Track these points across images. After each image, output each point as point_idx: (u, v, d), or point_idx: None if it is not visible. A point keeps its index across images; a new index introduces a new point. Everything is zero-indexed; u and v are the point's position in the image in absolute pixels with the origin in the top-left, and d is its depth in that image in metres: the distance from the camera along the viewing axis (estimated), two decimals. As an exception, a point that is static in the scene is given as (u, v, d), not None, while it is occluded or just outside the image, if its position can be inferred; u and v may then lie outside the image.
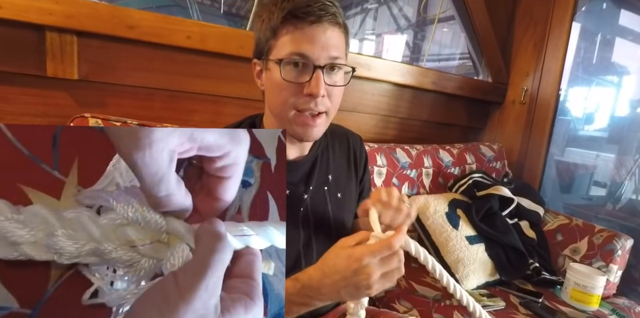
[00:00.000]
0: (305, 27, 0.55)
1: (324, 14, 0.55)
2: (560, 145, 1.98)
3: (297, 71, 0.57)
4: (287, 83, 0.57)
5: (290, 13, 0.55)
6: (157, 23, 0.98)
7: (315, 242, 0.72)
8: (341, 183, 0.75)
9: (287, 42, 0.56)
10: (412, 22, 3.86)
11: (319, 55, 0.56)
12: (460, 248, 1.16)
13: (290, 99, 0.58)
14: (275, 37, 0.57)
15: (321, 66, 0.56)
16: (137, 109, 1.04)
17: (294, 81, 0.57)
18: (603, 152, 2.01)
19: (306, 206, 0.70)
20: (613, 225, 1.52)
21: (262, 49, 0.59)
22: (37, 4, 0.84)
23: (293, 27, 0.55)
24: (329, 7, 0.56)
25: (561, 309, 1.07)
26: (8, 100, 0.91)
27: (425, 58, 2.13)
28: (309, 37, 0.55)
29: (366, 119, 1.48)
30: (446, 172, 1.44)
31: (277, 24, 0.56)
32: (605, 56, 2.06)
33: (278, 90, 0.58)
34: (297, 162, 0.69)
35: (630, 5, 1.89)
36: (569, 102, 2.01)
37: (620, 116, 2.07)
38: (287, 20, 0.55)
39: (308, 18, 0.55)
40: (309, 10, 0.54)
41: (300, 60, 0.56)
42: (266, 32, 0.58)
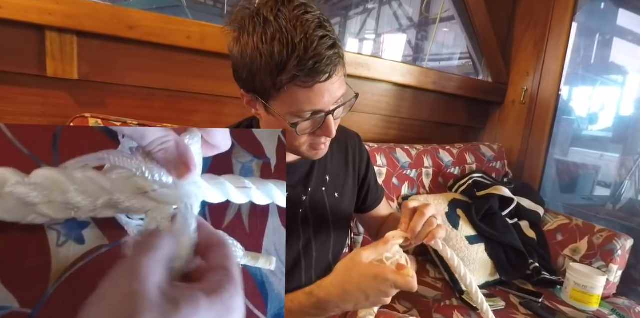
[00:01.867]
0: (314, 85, 0.51)
1: (333, 67, 0.51)
2: (565, 145, 1.97)
3: (310, 123, 0.55)
4: (299, 135, 0.56)
5: (297, 76, 0.49)
6: (157, 23, 0.98)
7: (315, 242, 0.72)
8: (339, 184, 0.76)
9: (297, 101, 0.52)
10: (413, 21, 3.85)
11: (328, 105, 0.54)
12: (460, 248, 1.16)
13: (303, 140, 0.58)
14: (277, 91, 0.52)
15: (331, 111, 0.55)
16: (137, 108, 1.04)
17: (308, 132, 0.57)
18: (607, 152, 2.00)
19: (305, 208, 0.70)
20: (613, 225, 1.52)
21: (257, 90, 0.54)
22: (37, 4, 0.84)
23: (300, 87, 0.51)
24: (335, 57, 0.50)
25: (561, 309, 1.07)
26: (8, 100, 0.91)
27: (427, 57, 2.13)
28: (320, 93, 0.52)
29: (366, 119, 1.48)
30: (446, 172, 1.44)
31: (280, 82, 0.50)
32: (609, 55, 2.05)
33: (289, 137, 0.56)
34: (295, 164, 0.69)
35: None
36: (572, 102, 2.00)
37: (624, 116, 2.06)
38: (293, 81, 0.50)
39: (318, 78, 0.50)
40: (318, 69, 0.49)
41: (312, 115, 0.54)
42: (264, 81, 0.51)
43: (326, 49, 0.49)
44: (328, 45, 0.49)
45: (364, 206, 0.84)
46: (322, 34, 0.49)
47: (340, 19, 4.73)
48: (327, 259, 0.76)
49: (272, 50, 0.48)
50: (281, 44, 0.48)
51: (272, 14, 0.48)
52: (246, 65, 0.51)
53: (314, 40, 0.48)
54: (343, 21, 4.77)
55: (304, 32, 0.48)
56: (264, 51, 0.48)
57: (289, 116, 0.54)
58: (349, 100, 0.58)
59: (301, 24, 0.48)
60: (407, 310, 0.99)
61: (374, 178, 0.85)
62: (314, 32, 0.48)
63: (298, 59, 0.48)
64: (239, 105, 1.18)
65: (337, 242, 0.77)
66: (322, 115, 0.54)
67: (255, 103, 0.57)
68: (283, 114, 0.54)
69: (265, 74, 0.50)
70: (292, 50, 0.48)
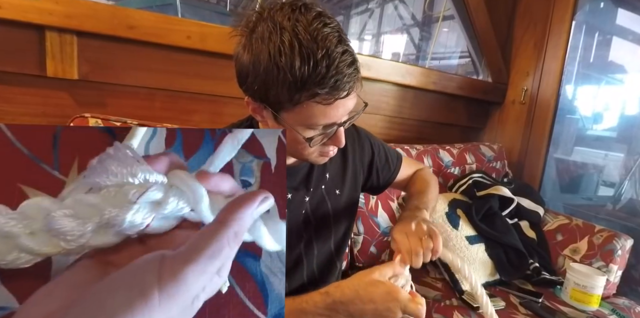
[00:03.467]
0: (332, 101, 0.50)
1: (351, 85, 0.50)
2: (569, 145, 1.96)
3: (322, 134, 0.55)
4: (313, 146, 0.56)
5: (318, 94, 0.49)
6: (157, 23, 0.98)
7: (316, 241, 0.73)
8: (338, 180, 0.76)
9: (313, 115, 0.51)
10: (417, 20, 3.84)
11: (341, 117, 0.55)
12: (460, 248, 1.16)
13: (314, 150, 0.58)
14: (293, 105, 0.51)
15: (343, 123, 0.55)
16: (137, 108, 1.04)
17: (320, 143, 0.57)
18: (612, 151, 1.99)
19: (307, 208, 0.70)
20: (613, 225, 1.52)
21: (268, 101, 0.52)
22: (37, 4, 0.84)
23: (318, 104, 0.50)
24: (354, 75, 0.50)
25: (561, 309, 1.07)
26: (8, 100, 0.91)
27: (429, 56, 2.13)
28: (337, 108, 0.52)
29: (366, 119, 1.48)
30: (446, 172, 1.44)
31: (298, 98, 0.49)
32: (613, 54, 2.04)
33: (299, 146, 0.56)
34: (296, 166, 0.68)
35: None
36: (577, 101, 1.99)
37: (629, 115, 2.04)
38: (312, 98, 0.49)
39: (338, 95, 0.50)
40: (339, 87, 0.48)
41: (324, 128, 0.54)
42: (279, 94, 0.49)
43: (347, 67, 0.48)
44: (348, 63, 0.48)
45: (380, 185, 0.85)
46: (342, 50, 0.48)
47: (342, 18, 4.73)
48: (329, 253, 0.76)
49: (291, 65, 0.46)
50: (302, 58, 0.46)
51: (289, 22, 0.47)
52: (259, 75, 0.49)
53: (335, 57, 0.47)
54: (346, 21, 4.76)
55: (325, 48, 0.46)
56: (283, 65, 0.46)
57: (300, 128, 0.53)
58: (359, 112, 0.57)
59: (322, 39, 0.47)
60: (407, 310, 0.99)
61: (384, 157, 0.83)
62: (335, 48, 0.47)
63: (320, 77, 0.47)
64: (239, 105, 1.18)
65: (339, 236, 0.77)
66: (333, 128, 0.55)
67: (262, 111, 0.55)
68: (294, 125, 0.53)
69: (282, 88, 0.48)
70: (313, 67, 0.46)
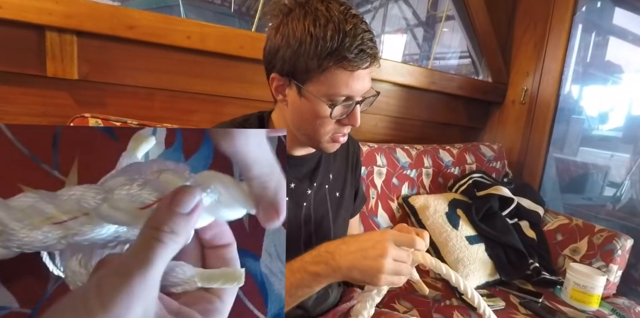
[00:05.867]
0: (355, 71, 0.56)
1: (374, 60, 0.57)
2: (574, 145, 1.96)
3: (341, 109, 0.60)
4: (332, 119, 0.60)
5: (345, 58, 0.55)
6: (157, 23, 0.98)
7: (315, 239, 0.73)
8: (340, 183, 0.78)
9: (336, 83, 0.57)
10: (420, 19, 3.83)
11: (360, 93, 0.60)
12: (460, 248, 1.16)
13: (329, 128, 0.61)
14: (321, 72, 0.56)
15: (360, 101, 0.60)
16: (137, 108, 1.04)
17: (339, 118, 0.60)
18: (618, 152, 1.98)
19: (309, 202, 0.72)
20: (613, 225, 1.52)
21: (296, 72, 0.57)
22: (37, 4, 0.84)
23: (344, 69, 0.56)
24: (375, 49, 0.57)
25: (561, 309, 1.07)
26: (8, 100, 0.91)
27: (432, 56, 2.12)
28: (358, 80, 0.57)
29: (366, 119, 1.48)
30: (446, 172, 1.44)
31: (327, 64, 0.55)
32: (618, 54, 2.03)
33: (318, 121, 0.60)
34: (304, 157, 0.71)
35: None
36: (583, 101, 1.98)
37: (635, 115, 2.02)
38: (339, 63, 0.55)
39: (362, 65, 0.56)
40: (362, 57, 0.55)
41: (345, 99, 0.59)
42: (309, 62, 0.55)
43: (369, 41, 0.56)
44: (370, 38, 0.56)
45: None
46: (365, 28, 0.56)
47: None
48: None
49: (324, 34, 0.53)
50: (334, 30, 0.54)
51: (323, 5, 0.55)
52: (290, 47, 0.56)
53: (360, 32, 0.55)
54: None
55: (353, 23, 0.55)
56: (316, 34, 0.54)
57: (323, 99, 0.58)
58: (372, 95, 0.63)
59: (350, 17, 0.55)
60: (407, 310, 0.99)
61: (362, 192, 0.90)
62: (361, 25, 0.56)
63: (348, 44, 0.54)
64: (239, 105, 1.18)
65: (338, 237, 0.77)
66: (352, 103, 0.59)
67: (285, 88, 0.61)
68: (318, 96, 0.58)
69: (313, 54, 0.54)
70: (343, 36, 0.54)
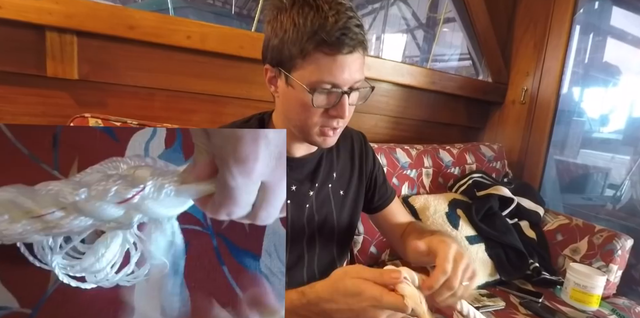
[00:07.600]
0: (337, 56, 0.55)
1: (356, 43, 0.56)
2: (575, 147, 1.95)
3: (326, 97, 0.59)
4: (315, 107, 0.59)
5: (324, 41, 0.54)
6: (157, 23, 0.97)
7: (319, 239, 0.73)
8: (344, 182, 0.77)
9: (318, 69, 0.56)
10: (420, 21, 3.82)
11: (346, 82, 0.58)
12: (460, 248, 1.16)
13: (316, 119, 0.61)
14: (303, 58, 0.56)
15: (347, 91, 0.58)
16: (137, 108, 1.04)
17: (323, 107, 0.59)
18: (618, 154, 1.97)
19: (312, 203, 0.71)
20: (613, 225, 1.52)
21: (283, 61, 0.58)
22: (37, 4, 0.84)
23: (324, 55, 0.55)
24: (360, 36, 0.56)
25: (561, 309, 1.07)
26: (8, 100, 0.91)
27: (431, 57, 2.12)
28: (341, 66, 0.56)
29: (366, 119, 1.48)
30: (446, 172, 1.44)
31: (307, 48, 0.55)
32: (615, 55, 2.02)
33: (304, 111, 0.60)
34: (304, 159, 0.71)
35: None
36: (584, 103, 1.97)
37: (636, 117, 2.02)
38: (319, 47, 0.55)
39: (342, 49, 0.55)
40: (343, 41, 0.55)
41: (330, 88, 0.58)
42: (292, 49, 0.56)
43: (353, 26, 0.55)
44: (354, 24, 0.56)
45: (373, 205, 0.83)
46: (351, 15, 0.56)
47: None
48: (330, 256, 0.76)
49: (305, 21, 0.54)
50: (315, 17, 0.54)
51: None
52: (277, 36, 0.57)
53: (343, 17, 0.55)
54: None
55: (336, 10, 0.55)
56: (297, 21, 0.55)
57: (308, 87, 0.57)
58: (365, 88, 0.62)
59: (336, 4, 0.55)
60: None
61: (382, 176, 0.85)
62: (345, 11, 0.55)
63: (329, 27, 0.54)
64: (239, 105, 1.18)
65: (340, 240, 0.77)
66: (338, 92, 0.58)
67: (277, 79, 0.62)
68: (303, 84, 0.57)
69: (295, 39, 0.55)
70: (324, 19, 0.54)
